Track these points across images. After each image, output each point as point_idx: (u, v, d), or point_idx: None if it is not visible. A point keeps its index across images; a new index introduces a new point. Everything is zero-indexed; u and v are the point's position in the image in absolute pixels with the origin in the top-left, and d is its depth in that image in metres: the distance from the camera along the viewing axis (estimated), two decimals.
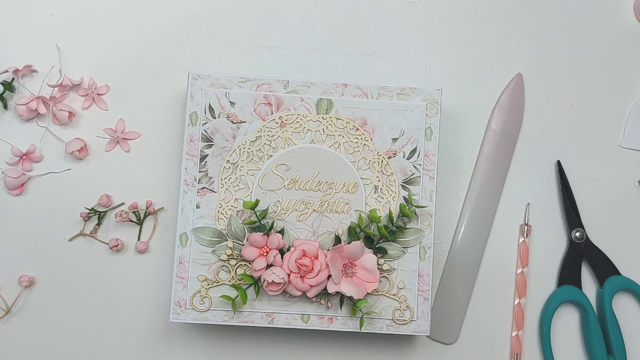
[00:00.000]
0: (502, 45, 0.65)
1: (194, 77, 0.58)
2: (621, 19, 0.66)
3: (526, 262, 0.62)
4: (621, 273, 0.63)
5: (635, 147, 0.65)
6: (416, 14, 0.65)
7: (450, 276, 0.62)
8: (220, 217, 0.57)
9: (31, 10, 0.64)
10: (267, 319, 0.56)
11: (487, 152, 0.63)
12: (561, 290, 0.62)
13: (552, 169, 0.64)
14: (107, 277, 0.61)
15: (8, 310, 0.60)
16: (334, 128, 0.58)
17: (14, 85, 0.62)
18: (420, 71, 0.64)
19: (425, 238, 0.57)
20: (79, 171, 0.62)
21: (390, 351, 0.62)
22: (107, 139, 0.62)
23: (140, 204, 0.61)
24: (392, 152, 0.58)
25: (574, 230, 0.63)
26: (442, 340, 0.62)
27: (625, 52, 0.66)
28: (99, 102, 0.62)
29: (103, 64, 0.63)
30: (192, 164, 0.57)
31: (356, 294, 0.54)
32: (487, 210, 0.63)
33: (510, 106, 0.64)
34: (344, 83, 0.58)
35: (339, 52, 0.64)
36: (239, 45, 0.64)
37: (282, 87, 0.58)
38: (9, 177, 0.60)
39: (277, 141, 0.58)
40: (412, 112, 0.58)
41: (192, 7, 0.64)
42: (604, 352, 0.61)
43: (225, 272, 0.57)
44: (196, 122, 0.57)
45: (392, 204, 0.57)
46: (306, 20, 0.65)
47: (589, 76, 0.65)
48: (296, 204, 0.57)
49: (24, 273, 0.61)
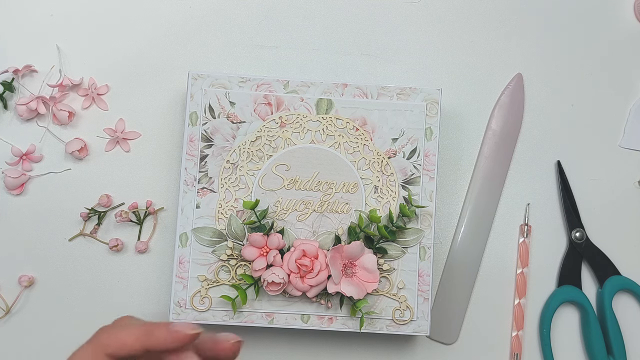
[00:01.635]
0: (502, 45, 0.65)
1: (194, 77, 0.58)
2: (621, 19, 0.66)
3: (526, 262, 0.62)
4: (621, 273, 0.63)
5: (635, 147, 0.65)
6: (416, 14, 0.65)
7: (450, 276, 0.62)
8: (220, 217, 0.57)
9: (31, 10, 0.64)
10: (267, 319, 0.56)
11: (487, 152, 0.63)
12: (561, 290, 0.62)
13: (552, 169, 0.64)
14: (107, 277, 0.61)
15: (8, 310, 0.60)
16: (334, 128, 0.58)
17: (14, 85, 0.62)
18: (420, 71, 0.64)
19: (425, 238, 0.57)
20: (79, 171, 0.62)
21: (390, 351, 0.62)
22: (107, 139, 0.62)
23: (140, 204, 0.61)
24: (392, 152, 0.58)
25: (574, 230, 0.63)
26: (442, 340, 0.62)
27: (625, 52, 0.66)
28: (99, 102, 0.62)
29: (103, 64, 0.63)
30: (192, 164, 0.57)
31: (356, 294, 0.54)
32: (487, 210, 0.63)
33: (510, 106, 0.64)
34: (344, 83, 0.58)
35: (339, 52, 0.64)
36: (239, 45, 0.64)
37: (282, 87, 0.58)
38: (9, 177, 0.60)
39: (277, 141, 0.58)
40: (412, 112, 0.58)
41: (192, 7, 0.64)
42: (604, 352, 0.61)
43: (225, 272, 0.57)
44: (196, 122, 0.57)
45: (392, 204, 0.57)
46: (306, 20, 0.65)
47: (589, 76, 0.65)
48: (296, 204, 0.57)
49: (24, 273, 0.61)
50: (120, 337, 0.37)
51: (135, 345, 0.37)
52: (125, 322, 0.40)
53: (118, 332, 0.38)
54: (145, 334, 0.37)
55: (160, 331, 0.37)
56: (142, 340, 0.37)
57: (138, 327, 0.38)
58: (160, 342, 0.37)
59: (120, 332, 0.38)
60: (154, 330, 0.37)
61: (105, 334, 0.38)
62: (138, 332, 0.38)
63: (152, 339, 0.37)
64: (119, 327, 0.39)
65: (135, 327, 0.38)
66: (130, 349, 0.37)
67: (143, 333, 0.37)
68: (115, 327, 0.39)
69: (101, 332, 0.38)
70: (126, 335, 0.37)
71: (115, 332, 0.38)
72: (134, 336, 0.37)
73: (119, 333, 0.38)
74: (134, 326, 0.38)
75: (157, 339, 0.37)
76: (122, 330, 0.38)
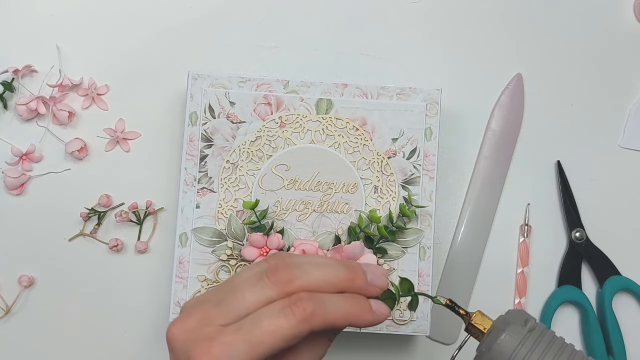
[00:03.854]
0: (502, 45, 0.65)
1: (193, 77, 0.58)
2: (621, 19, 0.66)
3: (526, 262, 0.62)
4: (621, 273, 0.63)
5: (635, 147, 0.65)
6: (416, 14, 0.65)
7: (450, 276, 0.62)
8: (220, 217, 0.57)
9: (31, 10, 0.64)
10: None
11: (487, 152, 0.63)
12: (561, 290, 0.62)
13: (552, 169, 0.64)
14: (107, 277, 0.61)
15: (8, 310, 0.60)
16: (334, 128, 0.58)
17: (14, 85, 0.62)
18: (420, 71, 0.64)
19: (425, 238, 0.57)
20: (79, 171, 0.62)
21: (390, 351, 0.62)
22: (107, 139, 0.62)
23: (140, 204, 0.61)
24: (392, 152, 0.58)
25: (574, 230, 0.63)
26: (442, 340, 0.62)
27: (626, 52, 0.66)
28: (99, 102, 0.62)
29: (103, 64, 0.63)
30: (192, 164, 0.57)
31: None
32: (487, 210, 0.63)
33: (510, 106, 0.64)
34: (344, 83, 0.58)
35: (339, 52, 0.64)
36: (239, 45, 0.64)
37: (282, 87, 0.58)
38: (9, 177, 0.60)
39: (277, 141, 0.58)
40: (412, 112, 0.58)
41: (192, 7, 0.64)
42: (604, 352, 0.61)
43: (225, 272, 0.57)
44: (196, 122, 0.57)
45: (392, 204, 0.57)
46: (306, 20, 0.65)
47: (589, 76, 0.65)
48: (296, 204, 0.57)
49: (24, 273, 0.61)
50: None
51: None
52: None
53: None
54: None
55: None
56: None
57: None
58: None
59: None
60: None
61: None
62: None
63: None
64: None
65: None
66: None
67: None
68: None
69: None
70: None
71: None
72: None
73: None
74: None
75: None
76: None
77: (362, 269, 0.38)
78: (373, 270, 0.39)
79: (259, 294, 0.36)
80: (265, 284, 0.36)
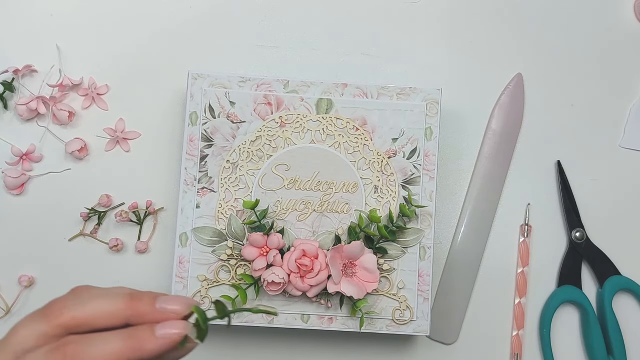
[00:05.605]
0: (502, 45, 0.65)
1: (193, 76, 0.58)
2: (621, 19, 0.66)
3: (526, 262, 0.62)
4: (621, 273, 0.63)
5: (635, 147, 0.65)
6: (416, 14, 0.65)
7: (450, 276, 0.62)
8: (220, 217, 0.57)
9: (31, 10, 0.64)
10: (267, 319, 0.56)
11: (487, 152, 0.63)
12: (561, 290, 0.62)
13: (552, 169, 0.64)
14: (107, 277, 0.61)
15: (8, 310, 0.60)
16: (334, 128, 0.58)
17: (14, 85, 0.62)
18: (420, 71, 0.64)
19: (425, 238, 0.57)
20: (79, 171, 0.62)
21: (390, 351, 0.62)
22: (107, 138, 0.62)
23: (140, 204, 0.61)
24: (392, 152, 0.58)
25: (574, 230, 0.63)
26: (442, 340, 0.62)
27: (626, 52, 0.66)
28: (99, 102, 0.62)
29: (103, 64, 0.63)
30: (192, 164, 0.57)
31: (356, 293, 0.54)
32: (487, 210, 0.63)
33: (510, 106, 0.64)
34: (344, 83, 0.58)
35: (339, 52, 0.64)
36: (239, 45, 0.64)
37: (282, 87, 0.58)
38: (9, 177, 0.60)
39: (277, 141, 0.58)
40: (412, 112, 0.58)
41: (192, 7, 0.64)
42: (604, 352, 0.61)
43: (225, 272, 0.57)
44: (196, 122, 0.57)
45: (392, 203, 0.57)
46: (306, 20, 0.65)
47: (589, 76, 0.65)
48: (296, 204, 0.57)
49: (24, 273, 0.61)
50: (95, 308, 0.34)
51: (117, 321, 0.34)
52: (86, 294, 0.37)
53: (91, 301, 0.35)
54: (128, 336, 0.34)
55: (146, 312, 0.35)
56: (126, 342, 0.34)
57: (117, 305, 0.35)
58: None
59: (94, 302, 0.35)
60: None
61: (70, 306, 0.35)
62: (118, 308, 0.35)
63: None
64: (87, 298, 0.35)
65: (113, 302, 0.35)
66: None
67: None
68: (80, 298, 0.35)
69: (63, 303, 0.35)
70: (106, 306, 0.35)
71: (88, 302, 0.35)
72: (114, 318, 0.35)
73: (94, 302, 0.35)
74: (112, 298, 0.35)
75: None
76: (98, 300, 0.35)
77: (151, 296, 0.36)
78: (170, 297, 0.36)
79: (31, 327, 0.34)
80: (38, 316, 0.35)
